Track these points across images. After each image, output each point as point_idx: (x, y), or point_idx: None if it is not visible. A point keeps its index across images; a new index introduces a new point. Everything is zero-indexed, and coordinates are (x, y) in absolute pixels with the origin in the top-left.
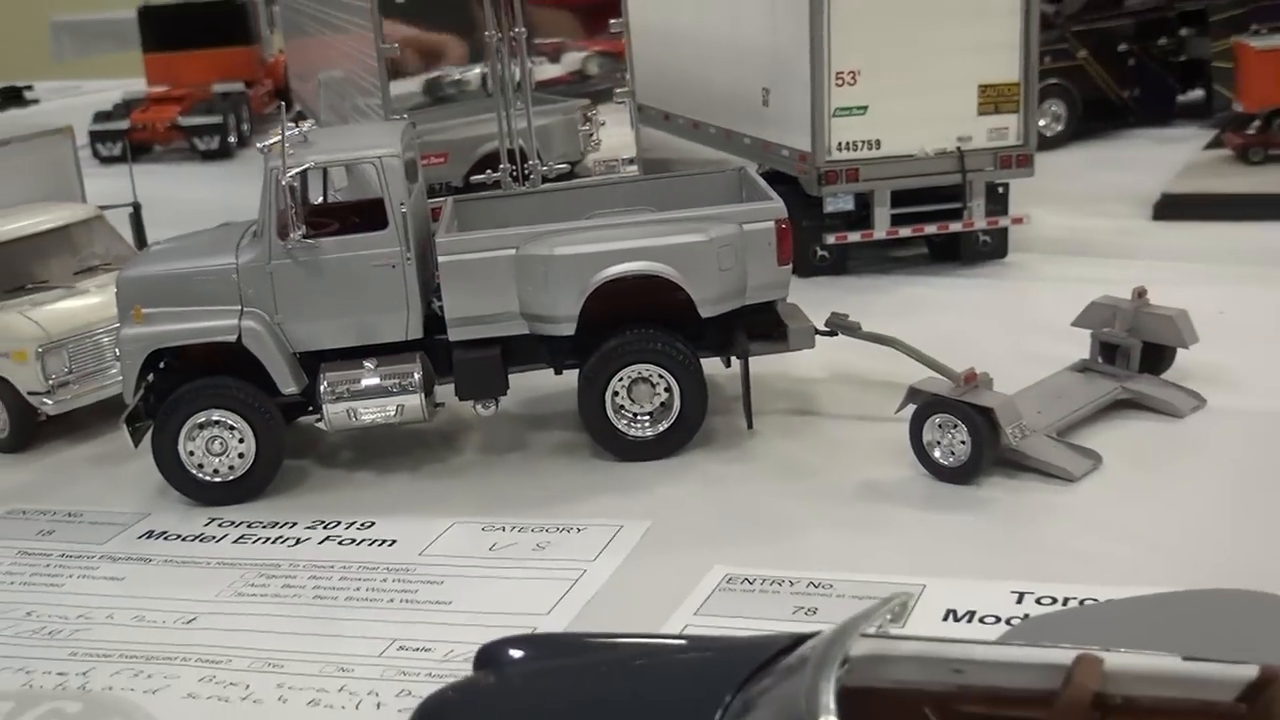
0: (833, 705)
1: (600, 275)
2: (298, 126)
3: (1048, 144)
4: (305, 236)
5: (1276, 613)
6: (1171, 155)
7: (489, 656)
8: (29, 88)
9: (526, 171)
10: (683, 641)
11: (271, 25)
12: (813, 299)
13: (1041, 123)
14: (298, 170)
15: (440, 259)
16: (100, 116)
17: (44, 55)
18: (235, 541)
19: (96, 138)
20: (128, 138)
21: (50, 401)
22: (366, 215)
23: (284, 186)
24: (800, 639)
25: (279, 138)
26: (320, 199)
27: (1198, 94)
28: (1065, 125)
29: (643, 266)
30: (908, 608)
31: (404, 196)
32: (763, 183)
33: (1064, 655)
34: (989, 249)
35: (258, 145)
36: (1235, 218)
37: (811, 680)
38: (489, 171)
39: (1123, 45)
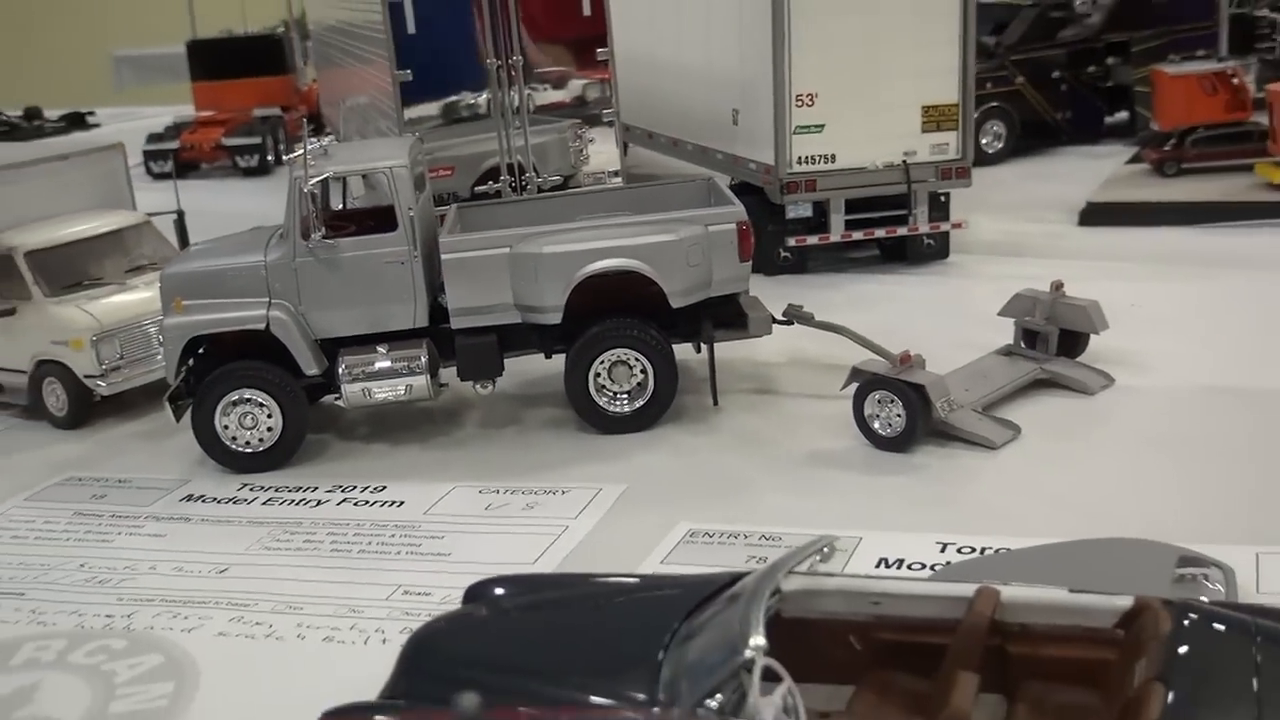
0: (762, 627)
1: (583, 270)
2: (319, 141)
3: (989, 160)
4: (325, 237)
5: (1160, 556)
6: (1098, 169)
7: (476, 592)
8: (91, 113)
9: (524, 183)
10: (641, 579)
11: (305, 58)
12: (776, 294)
13: (984, 141)
14: (318, 179)
15: (444, 256)
16: (153, 138)
17: (106, 85)
18: (264, 503)
19: (149, 156)
20: (177, 156)
21: (103, 384)
22: (379, 219)
23: (306, 193)
24: (740, 576)
25: (302, 151)
26: (340, 206)
27: (1123, 116)
28: (1005, 143)
29: (620, 263)
30: (835, 550)
31: (412, 202)
32: (727, 190)
33: (967, 589)
34: (932, 250)
35: (284, 157)
36: (1151, 223)
37: (745, 608)
38: (491, 183)
39: (1056, 72)
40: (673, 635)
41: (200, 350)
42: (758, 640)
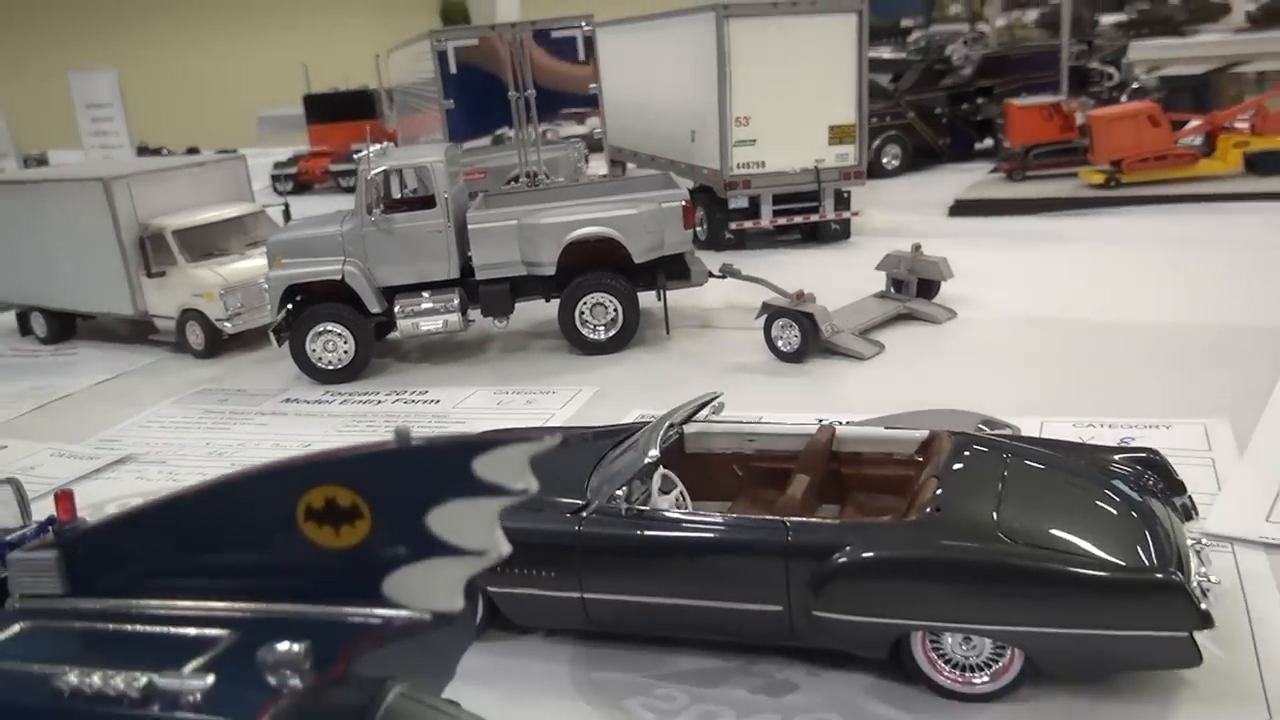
0: (658, 446)
1: (569, 236)
2: (381, 145)
3: (889, 174)
4: (384, 213)
5: (968, 419)
6: (968, 179)
7: None
8: (235, 150)
9: (537, 185)
10: (591, 428)
11: (390, 106)
12: (722, 261)
13: (884, 160)
14: (379, 171)
15: (471, 226)
16: (279, 165)
17: (248, 133)
18: (340, 404)
19: (275, 178)
20: (295, 178)
21: (229, 325)
22: (423, 201)
23: (370, 181)
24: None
25: (367, 151)
26: (399, 195)
27: (989, 142)
28: (900, 162)
29: (596, 230)
30: (722, 406)
31: (447, 188)
32: (679, 180)
33: (812, 428)
34: (837, 233)
35: (354, 156)
36: (1001, 214)
37: (647, 435)
38: (512, 184)
39: (939, 109)
40: (600, 459)
41: (296, 296)
42: (654, 452)
